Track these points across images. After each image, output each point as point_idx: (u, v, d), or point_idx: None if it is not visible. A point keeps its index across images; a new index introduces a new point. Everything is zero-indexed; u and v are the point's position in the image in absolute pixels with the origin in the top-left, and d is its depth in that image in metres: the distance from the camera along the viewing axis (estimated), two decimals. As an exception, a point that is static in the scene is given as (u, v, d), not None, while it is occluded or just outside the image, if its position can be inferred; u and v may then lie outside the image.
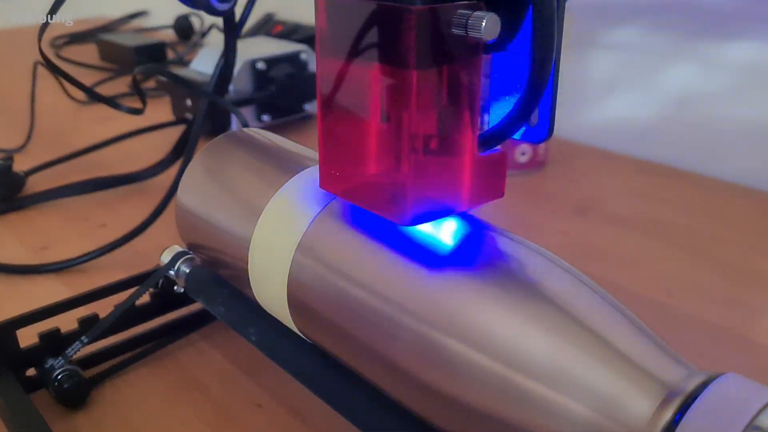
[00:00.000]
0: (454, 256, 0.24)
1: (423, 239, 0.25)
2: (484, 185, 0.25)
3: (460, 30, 0.22)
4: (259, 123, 0.71)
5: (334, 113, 0.25)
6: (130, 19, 1.27)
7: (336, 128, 0.26)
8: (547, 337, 0.21)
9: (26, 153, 0.68)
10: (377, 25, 0.22)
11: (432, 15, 0.21)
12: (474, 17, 0.21)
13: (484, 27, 0.21)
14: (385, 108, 0.23)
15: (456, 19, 0.22)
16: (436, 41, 0.22)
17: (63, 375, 0.34)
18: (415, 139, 0.23)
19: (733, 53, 0.61)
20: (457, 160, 0.24)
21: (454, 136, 0.24)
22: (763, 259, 0.48)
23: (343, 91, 0.25)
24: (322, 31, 0.25)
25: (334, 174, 0.26)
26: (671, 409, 0.19)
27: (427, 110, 0.23)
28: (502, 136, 0.24)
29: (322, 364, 0.29)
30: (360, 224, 0.26)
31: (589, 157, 0.67)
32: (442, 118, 0.23)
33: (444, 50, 0.22)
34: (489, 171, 0.25)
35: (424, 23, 0.21)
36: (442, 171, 0.24)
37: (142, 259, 0.47)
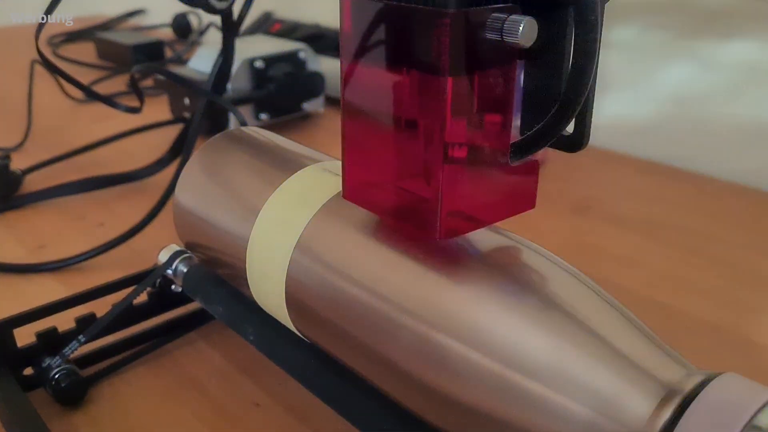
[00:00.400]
0: (452, 255, 0.24)
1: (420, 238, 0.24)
2: (515, 196, 0.24)
3: (494, 34, 0.21)
4: (257, 122, 0.71)
5: (359, 121, 0.24)
6: (128, 17, 1.27)
7: (361, 137, 0.24)
8: (546, 337, 0.21)
9: (23, 152, 0.68)
10: (408, 29, 0.21)
11: (466, 19, 0.20)
12: (510, 21, 0.20)
13: (521, 32, 0.20)
14: (416, 115, 0.22)
15: (491, 23, 0.21)
16: (470, 46, 0.21)
17: (60, 374, 0.34)
18: (448, 148, 0.21)
19: (733, 52, 0.61)
20: (490, 170, 0.23)
21: (487, 145, 0.23)
22: (762, 258, 0.48)
23: (370, 97, 0.23)
24: (347, 34, 0.23)
25: (359, 184, 0.25)
26: (670, 409, 0.19)
27: (460, 118, 0.21)
28: (536, 145, 0.23)
29: (320, 364, 0.29)
30: (358, 223, 0.26)
31: (588, 156, 0.67)
32: (475, 126, 0.22)
33: (478, 55, 0.21)
34: (520, 181, 0.24)
35: (458, 27, 0.20)
36: (474, 182, 0.23)
37: (140, 258, 0.47)
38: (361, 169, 0.25)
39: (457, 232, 0.23)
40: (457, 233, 0.23)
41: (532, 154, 0.23)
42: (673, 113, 0.66)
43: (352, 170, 0.25)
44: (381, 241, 0.25)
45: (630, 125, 0.69)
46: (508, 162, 0.23)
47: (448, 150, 0.22)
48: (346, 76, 0.24)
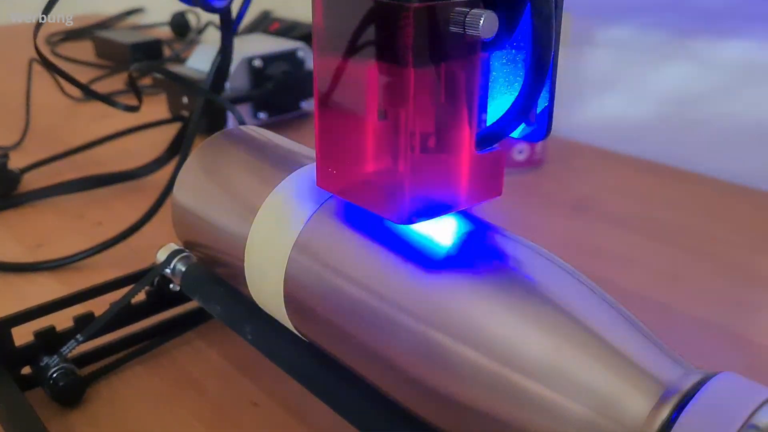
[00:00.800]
0: (450, 254, 0.24)
1: (419, 238, 0.24)
2: (482, 183, 0.25)
3: (457, 28, 0.22)
4: (255, 121, 0.71)
5: (331, 111, 0.25)
6: (126, 16, 1.27)
7: (333, 126, 0.25)
8: (544, 336, 0.21)
9: (22, 150, 0.68)
10: (374, 22, 0.22)
11: (429, 12, 0.21)
12: (471, 15, 0.21)
13: (482, 25, 0.21)
14: (382, 105, 0.23)
15: (453, 17, 0.22)
16: (433, 39, 0.22)
17: (58, 373, 0.34)
18: (412, 137, 0.22)
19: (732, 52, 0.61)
20: (455, 159, 0.24)
21: (452, 134, 0.24)
22: (761, 258, 0.48)
23: (340, 88, 0.25)
24: (319, 28, 0.25)
25: (331, 172, 0.26)
26: (668, 408, 0.19)
27: (424, 108, 0.22)
28: (499, 135, 0.24)
29: (319, 363, 0.29)
30: (356, 222, 0.26)
31: (587, 155, 0.67)
32: (440, 115, 0.23)
33: (441, 48, 0.22)
34: (487, 169, 0.25)
35: (422, 20, 0.21)
36: (439, 169, 0.24)
37: (138, 257, 0.47)
38: (334, 157, 0.26)
39: (424, 218, 0.24)
40: (423, 218, 0.24)
41: (496, 143, 0.25)
42: (672, 113, 0.66)
43: (325, 158, 0.26)
44: (379, 241, 0.25)
45: (629, 125, 0.69)
46: (474, 150, 0.24)
47: (413, 138, 0.23)
48: (319, 68, 0.25)
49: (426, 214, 0.24)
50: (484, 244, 0.24)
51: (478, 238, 0.24)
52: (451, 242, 0.24)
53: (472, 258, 0.23)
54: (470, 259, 0.23)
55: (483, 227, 0.25)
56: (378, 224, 0.26)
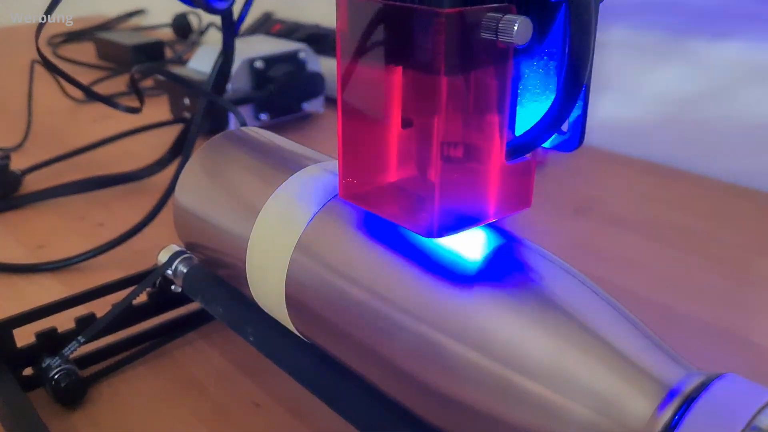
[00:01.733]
0: (451, 255, 0.24)
1: (420, 238, 0.24)
2: (511, 195, 0.24)
3: (489, 34, 0.21)
4: (257, 122, 0.71)
5: (355, 120, 0.24)
6: (128, 17, 1.27)
7: (357, 135, 0.25)
8: (547, 338, 0.21)
9: (23, 152, 0.68)
10: (403, 29, 0.21)
11: (461, 18, 0.20)
12: (505, 21, 0.20)
13: (516, 31, 0.20)
14: (412, 114, 0.22)
15: (486, 23, 0.21)
16: (465, 45, 0.21)
17: (60, 374, 0.34)
18: (443, 146, 0.22)
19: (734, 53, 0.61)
20: (485, 169, 0.23)
21: (482, 143, 0.23)
22: (763, 259, 0.48)
23: (366, 96, 0.24)
24: (344, 33, 0.24)
25: (355, 183, 0.25)
26: (670, 410, 0.19)
27: (456, 117, 0.22)
28: (531, 145, 0.23)
29: (320, 364, 0.29)
30: (358, 224, 0.26)
31: (588, 157, 0.67)
32: (471, 125, 0.22)
33: (473, 55, 0.21)
34: (516, 180, 0.24)
35: (454, 26, 0.20)
36: (469, 181, 0.23)
37: (140, 259, 0.47)
38: (357, 167, 0.25)
39: (453, 231, 0.23)
40: (452, 231, 0.23)
41: (527, 153, 0.24)
42: (674, 114, 0.66)
43: (349, 169, 0.25)
44: (381, 242, 0.25)
45: (631, 126, 0.69)
46: (503, 161, 0.23)
47: (444, 149, 0.22)
48: (343, 76, 0.24)
49: (455, 226, 0.23)
50: (486, 246, 0.24)
51: (479, 240, 0.24)
52: (451, 243, 0.24)
53: (473, 259, 0.23)
54: (471, 260, 0.23)
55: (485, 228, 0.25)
56: (379, 225, 0.26)
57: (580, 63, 0.21)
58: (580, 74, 0.21)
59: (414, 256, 0.24)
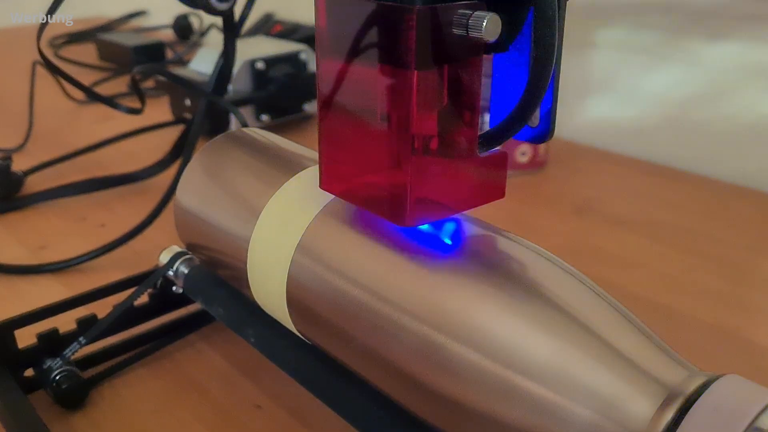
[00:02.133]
0: (454, 257, 0.24)
1: (423, 240, 0.24)
2: (485, 186, 0.25)
3: (461, 30, 0.22)
4: (258, 123, 0.71)
5: (334, 114, 0.25)
6: (129, 18, 1.27)
7: (336, 129, 0.25)
8: (548, 339, 0.21)
9: (25, 153, 0.68)
10: (377, 25, 0.22)
11: (433, 15, 0.21)
12: (475, 17, 0.21)
13: (485, 27, 0.21)
14: (386, 108, 0.23)
15: (457, 19, 0.22)
16: (436, 41, 0.22)
17: (61, 376, 0.34)
18: (415, 139, 0.22)
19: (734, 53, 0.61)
20: (457, 161, 0.24)
21: (455, 136, 0.24)
22: (763, 259, 0.48)
23: (343, 91, 0.24)
24: (322, 30, 0.25)
25: (334, 174, 0.26)
26: (672, 411, 0.19)
27: (427, 111, 0.22)
28: (502, 137, 0.24)
29: (322, 365, 0.29)
30: (359, 224, 0.26)
31: (589, 157, 0.67)
32: (443, 118, 0.23)
33: (445, 50, 0.22)
34: (489, 171, 0.25)
35: (425, 23, 0.21)
36: (442, 172, 0.24)
37: (141, 260, 0.47)
38: (337, 159, 0.26)
39: (427, 219, 0.24)
40: (426, 220, 0.24)
41: (498, 144, 0.24)
42: (673, 114, 0.66)
43: (328, 161, 0.26)
44: (382, 243, 0.25)
45: (631, 127, 0.69)
46: (476, 152, 0.24)
47: (416, 141, 0.22)
48: (322, 71, 0.25)
49: (429, 217, 0.24)
50: (488, 247, 0.24)
51: (481, 241, 0.24)
52: (454, 245, 0.24)
53: (476, 261, 0.23)
54: (474, 262, 0.23)
55: (486, 230, 0.25)
56: (380, 226, 0.26)
57: (545, 57, 0.22)
58: (546, 67, 0.22)
59: (415, 257, 0.24)
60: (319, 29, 0.25)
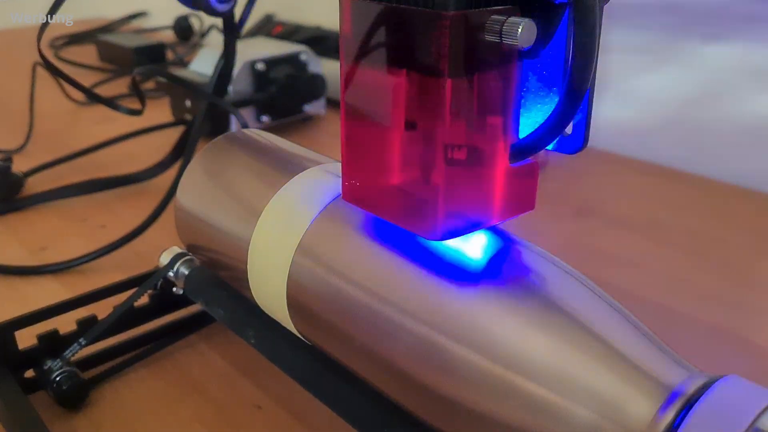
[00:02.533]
0: (453, 257, 0.24)
1: (422, 240, 0.24)
2: (515, 197, 0.24)
3: (494, 36, 0.21)
4: (258, 124, 0.71)
5: (358, 122, 0.24)
6: (130, 19, 1.27)
7: (360, 137, 0.24)
8: (548, 340, 0.21)
9: (25, 154, 0.68)
10: (408, 32, 0.21)
11: (466, 20, 0.20)
12: (509, 23, 0.20)
13: (520, 34, 0.20)
14: (416, 117, 0.22)
15: (490, 25, 0.21)
16: (469, 48, 0.21)
17: (62, 376, 0.34)
18: (447, 149, 0.22)
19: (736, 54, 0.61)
20: (489, 172, 0.23)
21: (486, 146, 0.23)
22: (764, 260, 0.48)
23: (369, 99, 0.24)
24: (347, 36, 0.24)
25: (357, 185, 0.25)
26: (672, 411, 0.19)
27: (459, 119, 0.22)
28: (535, 147, 0.23)
29: (322, 366, 0.29)
30: (359, 226, 0.26)
31: (590, 158, 0.67)
32: (475, 127, 0.22)
33: (477, 57, 0.21)
34: (520, 183, 0.24)
35: (458, 29, 0.20)
36: (472, 183, 0.23)
37: (141, 261, 0.47)
38: (361, 170, 0.25)
39: (457, 234, 0.23)
40: (456, 234, 0.23)
41: (531, 155, 0.23)
42: (675, 116, 0.66)
43: (352, 171, 0.25)
44: (383, 244, 0.25)
45: (632, 128, 0.69)
46: (507, 163, 0.23)
47: (448, 151, 0.22)
48: (346, 78, 0.24)
49: (459, 229, 0.23)
50: (488, 248, 0.24)
51: (481, 242, 0.24)
52: (453, 246, 0.24)
53: (475, 261, 0.23)
54: (473, 262, 0.23)
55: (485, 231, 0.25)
56: (380, 227, 0.26)
57: (584, 65, 0.21)
58: (584, 76, 0.21)
59: (416, 258, 0.24)
60: (344, 35, 0.24)
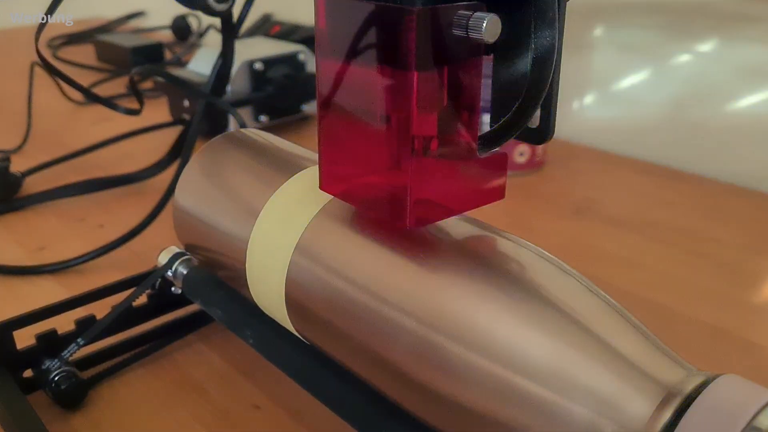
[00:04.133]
0: (452, 257, 0.24)
1: (421, 240, 0.25)
2: (485, 187, 0.25)
3: (460, 31, 0.22)
4: (256, 123, 0.71)
5: (333, 115, 0.25)
6: (128, 19, 1.27)
7: (336, 130, 0.25)
8: (546, 339, 0.21)
9: (23, 154, 0.68)
10: (377, 26, 0.22)
11: (432, 15, 0.21)
12: (474, 18, 0.21)
13: (485, 28, 0.21)
14: (386, 110, 0.23)
15: (457, 20, 0.22)
16: (436, 42, 0.22)
17: (60, 376, 0.34)
18: (415, 140, 0.22)
19: (732, 53, 0.61)
20: (458, 162, 0.24)
21: (455, 137, 0.24)
22: (761, 259, 0.48)
23: (343, 92, 0.24)
24: (322, 31, 0.25)
25: (334, 176, 0.26)
26: (670, 410, 0.19)
27: (427, 112, 0.22)
28: (502, 138, 0.24)
29: (320, 366, 0.29)
30: (358, 225, 0.26)
31: (587, 157, 0.67)
32: (443, 119, 0.23)
33: (444, 51, 0.22)
34: (489, 172, 0.25)
35: (425, 24, 0.21)
36: (442, 173, 0.24)
37: (140, 260, 0.47)
38: (337, 160, 0.26)
39: (427, 221, 0.24)
40: (427, 221, 0.24)
41: (499, 145, 0.24)
42: (672, 115, 0.66)
43: (328, 163, 0.26)
44: (381, 243, 0.25)
45: (629, 127, 0.69)
46: (476, 154, 0.24)
47: (416, 142, 0.22)
48: (321, 72, 0.25)
49: (429, 218, 0.24)
50: (486, 247, 0.24)
51: (480, 241, 0.24)
52: (453, 245, 0.24)
53: (475, 261, 0.23)
54: (472, 262, 0.23)
55: (485, 230, 0.25)
56: (378, 227, 0.26)
57: (544, 59, 0.22)
58: (546, 69, 0.22)
59: (415, 258, 0.24)
60: (318, 30, 0.25)
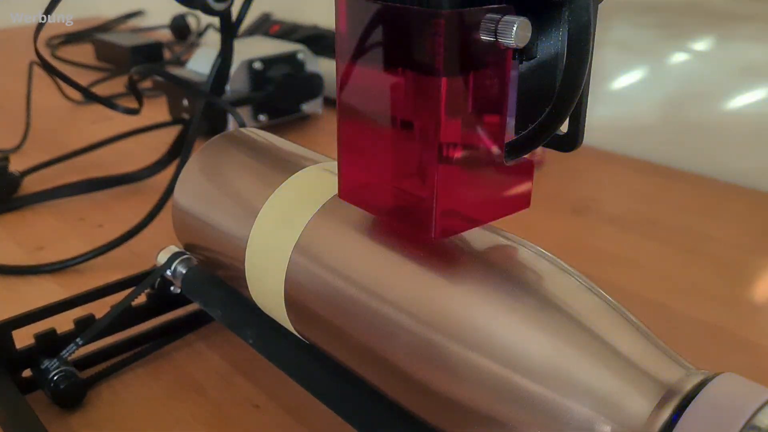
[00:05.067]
0: (451, 255, 0.24)
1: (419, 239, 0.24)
2: (511, 195, 0.24)
3: (489, 35, 0.21)
4: (256, 123, 0.71)
5: (354, 121, 0.24)
6: (127, 18, 1.27)
7: (356, 137, 0.24)
8: (545, 337, 0.21)
9: (22, 153, 0.68)
10: (402, 30, 0.21)
11: (460, 19, 0.20)
12: (503, 22, 0.20)
13: (515, 33, 0.20)
14: (411, 116, 0.22)
15: (485, 24, 0.21)
16: (464, 47, 0.21)
17: (59, 376, 0.34)
18: (442, 148, 0.22)
19: (731, 52, 0.61)
20: (484, 170, 0.23)
21: (481, 144, 0.23)
22: (760, 258, 0.48)
23: (365, 98, 0.24)
24: (343, 35, 0.24)
25: (354, 184, 0.25)
26: (669, 409, 0.19)
27: (454, 118, 0.22)
28: (531, 145, 0.23)
29: (320, 365, 0.29)
30: (357, 224, 0.26)
31: (586, 156, 0.67)
32: (469, 126, 0.22)
33: (472, 56, 0.21)
34: (515, 180, 0.24)
35: (453, 28, 0.20)
36: (468, 181, 0.23)
37: (139, 260, 0.47)
38: (357, 169, 0.25)
39: (453, 232, 0.23)
40: (452, 232, 0.23)
41: (526, 153, 0.24)
42: (671, 114, 0.66)
43: (348, 170, 0.25)
44: (380, 242, 0.25)
45: (628, 126, 0.69)
46: (502, 161, 0.23)
47: (443, 150, 0.22)
48: (342, 77, 0.24)
49: (456, 227, 0.23)
50: (485, 246, 0.24)
51: (478, 240, 0.24)
52: (451, 244, 0.24)
53: (474, 261, 0.23)
54: (472, 261, 0.23)
55: (484, 229, 0.25)
56: (378, 226, 0.26)
57: (578, 64, 0.21)
58: (578, 75, 0.21)
59: (414, 256, 0.24)
60: (339, 34, 0.24)
